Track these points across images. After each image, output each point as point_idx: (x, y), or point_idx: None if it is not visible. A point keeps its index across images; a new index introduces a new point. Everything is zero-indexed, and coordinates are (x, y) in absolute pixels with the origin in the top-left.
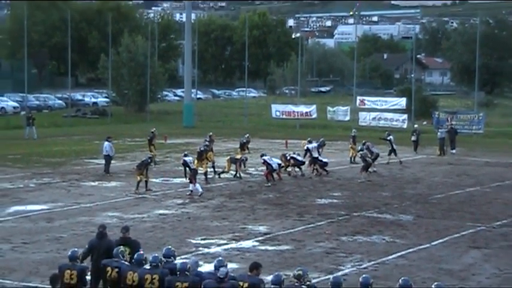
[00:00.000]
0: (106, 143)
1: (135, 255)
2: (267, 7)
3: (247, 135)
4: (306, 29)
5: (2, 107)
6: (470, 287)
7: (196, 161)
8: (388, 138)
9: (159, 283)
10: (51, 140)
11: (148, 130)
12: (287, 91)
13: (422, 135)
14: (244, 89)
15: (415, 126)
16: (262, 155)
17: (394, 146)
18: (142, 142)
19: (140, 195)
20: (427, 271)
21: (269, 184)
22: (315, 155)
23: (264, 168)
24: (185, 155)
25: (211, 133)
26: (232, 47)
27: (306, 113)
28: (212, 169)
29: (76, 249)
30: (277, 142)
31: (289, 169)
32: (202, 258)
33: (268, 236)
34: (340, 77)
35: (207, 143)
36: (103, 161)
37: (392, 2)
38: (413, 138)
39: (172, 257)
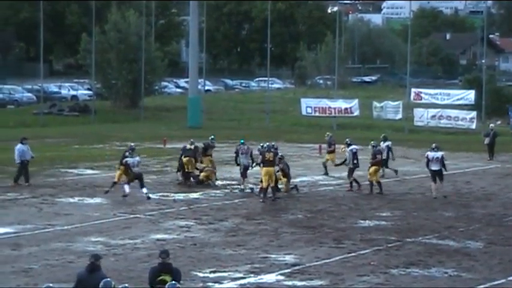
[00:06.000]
0: (19, 145)
1: None
2: None
3: (271, 143)
4: (346, 1)
5: None
6: None
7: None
8: (386, 144)
9: None
10: None
11: (141, 131)
12: (321, 81)
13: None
14: (265, 78)
15: (491, 125)
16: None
17: (391, 155)
18: (137, 147)
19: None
20: None
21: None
22: (355, 161)
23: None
24: (131, 152)
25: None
26: (251, 25)
27: (346, 109)
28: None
29: (51, 284)
30: (308, 147)
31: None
32: None
33: (296, 268)
34: (389, 63)
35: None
36: (85, 171)
37: None
38: (486, 141)
39: None
